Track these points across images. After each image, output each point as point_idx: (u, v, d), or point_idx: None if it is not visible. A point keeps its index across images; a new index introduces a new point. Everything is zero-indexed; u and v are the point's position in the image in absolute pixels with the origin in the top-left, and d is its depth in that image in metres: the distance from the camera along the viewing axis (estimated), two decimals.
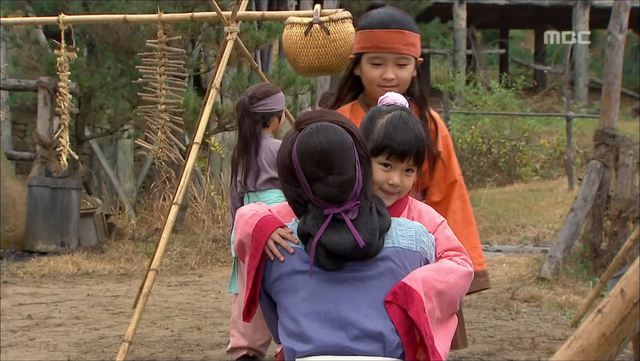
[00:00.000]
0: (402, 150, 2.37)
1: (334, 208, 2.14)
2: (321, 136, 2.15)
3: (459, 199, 3.08)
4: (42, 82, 10.50)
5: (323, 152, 2.13)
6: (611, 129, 8.93)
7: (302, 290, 2.15)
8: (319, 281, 2.15)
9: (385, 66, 3.03)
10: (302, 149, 2.15)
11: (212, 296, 7.88)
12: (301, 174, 2.15)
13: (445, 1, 21.50)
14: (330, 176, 2.13)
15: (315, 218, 2.15)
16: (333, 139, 2.15)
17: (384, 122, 2.40)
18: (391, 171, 2.39)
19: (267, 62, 15.87)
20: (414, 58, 3.06)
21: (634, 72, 26.20)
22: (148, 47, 6.16)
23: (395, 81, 3.03)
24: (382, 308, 2.14)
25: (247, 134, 4.86)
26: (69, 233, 10.03)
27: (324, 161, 2.13)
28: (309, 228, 2.15)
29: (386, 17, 3.04)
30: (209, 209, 11.94)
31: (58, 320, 6.70)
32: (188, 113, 10.18)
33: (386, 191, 2.41)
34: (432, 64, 27.12)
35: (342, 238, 2.11)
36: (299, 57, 5.32)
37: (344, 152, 2.15)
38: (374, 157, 2.37)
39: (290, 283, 2.17)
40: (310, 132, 2.15)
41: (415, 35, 3.04)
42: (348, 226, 2.12)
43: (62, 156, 6.25)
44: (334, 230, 2.12)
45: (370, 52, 3.03)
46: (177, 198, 5.31)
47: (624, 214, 8.43)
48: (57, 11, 8.51)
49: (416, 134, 2.40)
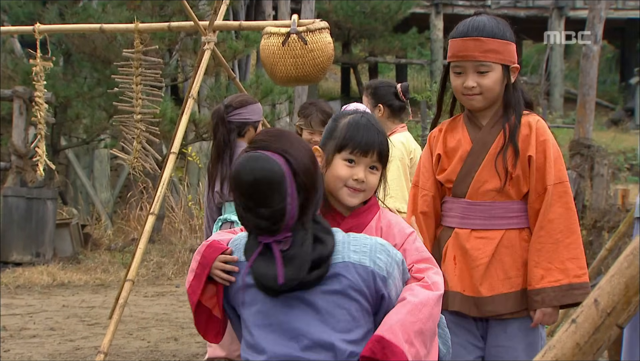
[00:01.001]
0: (365, 144, 2.40)
1: (266, 236, 2.16)
2: (251, 167, 2.15)
3: (560, 206, 2.94)
4: (17, 91, 10.42)
5: (250, 185, 2.14)
6: (586, 140, 9.01)
7: (256, 303, 2.19)
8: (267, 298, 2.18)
9: (465, 74, 3.00)
10: (234, 177, 2.18)
11: (189, 306, 7.84)
12: (237, 201, 2.19)
13: (422, 12, 21.63)
14: (259, 208, 2.14)
15: (252, 244, 2.21)
16: (262, 173, 2.14)
17: (347, 121, 2.46)
18: (355, 167, 2.42)
19: (245, 72, 15.87)
20: (502, 65, 2.98)
21: (609, 82, 26.49)
22: (125, 57, 6.14)
23: (477, 89, 2.98)
24: (332, 321, 2.15)
25: (221, 142, 4.85)
26: (44, 244, 9.95)
27: (252, 193, 2.14)
28: (247, 252, 2.21)
29: (468, 25, 3.01)
30: (186, 219, 11.89)
31: (33, 331, 6.64)
32: (165, 123, 10.15)
33: (351, 188, 2.42)
34: (410, 74, 27.24)
35: (267, 270, 2.14)
36: (276, 67, 5.33)
37: (271, 186, 2.14)
38: (338, 153, 2.42)
39: (246, 296, 2.21)
40: (243, 163, 2.17)
41: (499, 42, 2.96)
42: (275, 258, 2.14)
43: (39, 166, 6.21)
44: (264, 260, 2.16)
45: (452, 61, 3.04)
46: (154, 208, 5.28)
47: (599, 224, 8.50)
48: (33, 20, 8.45)
49: (378, 130, 2.45)
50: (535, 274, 2.93)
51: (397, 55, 22.50)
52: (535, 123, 3.00)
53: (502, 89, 3.01)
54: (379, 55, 22.03)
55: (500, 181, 2.96)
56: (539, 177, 2.96)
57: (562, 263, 2.92)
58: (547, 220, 2.93)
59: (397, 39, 20.50)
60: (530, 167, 2.97)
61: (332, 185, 2.43)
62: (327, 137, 2.48)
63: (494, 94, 3.00)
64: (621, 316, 1.74)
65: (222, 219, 4.90)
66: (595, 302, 1.73)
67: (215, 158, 4.88)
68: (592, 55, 9.00)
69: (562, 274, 2.91)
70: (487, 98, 3.00)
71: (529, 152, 2.96)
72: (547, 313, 2.94)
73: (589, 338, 1.72)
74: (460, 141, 3.06)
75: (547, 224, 2.93)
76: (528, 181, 2.98)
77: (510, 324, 2.98)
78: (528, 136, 2.98)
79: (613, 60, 27.87)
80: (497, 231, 2.98)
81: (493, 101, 3.02)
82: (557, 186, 2.96)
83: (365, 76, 25.17)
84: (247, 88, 9.36)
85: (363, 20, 19.64)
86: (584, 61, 9.10)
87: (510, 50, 3.00)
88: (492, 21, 3.01)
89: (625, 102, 23.71)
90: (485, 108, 3.04)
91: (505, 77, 3.00)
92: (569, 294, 2.91)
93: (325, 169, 2.44)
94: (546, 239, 2.93)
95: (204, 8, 11.63)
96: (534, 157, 2.96)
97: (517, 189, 2.98)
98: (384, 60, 23.26)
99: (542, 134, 2.98)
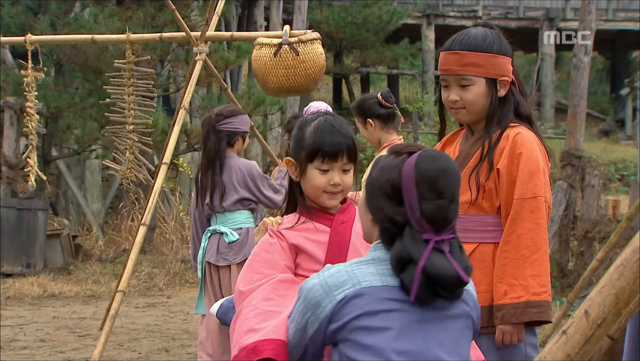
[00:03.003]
0: (333, 150, 2.46)
1: (432, 234, 2.08)
2: (443, 161, 2.12)
3: (531, 221, 2.87)
4: (8, 102, 10.40)
5: (446, 173, 2.10)
6: (577, 150, 9.04)
7: (389, 328, 2.06)
8: (405, 321, 2.07)
9: (450, 88, 2.99)
10: (422, 168, 2.10)
11: (181, 317, 7.82)
12: (412, 192, 2.09)
13: (413, 23, 21.69)
14: (440, 200, 2.09)
15: (415, 242, 2.07)
16: (454, 166, 2.13)
17: (312, 129, 2.50)
18: (329, 173, 2.49)
19: (237, 82, 15.88)
20: (486, 79, 2.95)
21: (599, 93, 26.60)
22: (116, 67, 6.14)
23: (460, 103, 2.96)
24: (458, 348, 2.11)
25: (212, 150, 4.86)
26: (35, 255, 9.92)
27: (443, 182, 2.09)
28: (412, 253, 2.06)
29: (454, 39, 2.99)
30: (178, 230, 11.87)
31: (23, 343, 6.61)
32: (157, 133, 10.14)
33: (330, 192, 2.50)
34: (401, 84, 27.30)
35: (443, 267, 2.04)
36: (268, 77, 5.34)
37: (457, 182, 2.13)
38: (309, 163, 2.48)
39: (374, 321, 2.06)
40: (433, 156, 2.13)
41: (481, 55, 2.93)
42: (447, 257, 2.06)
43: (30, 177, 6.19)
44: (435, 258, 2.05)
45: (440, 74, 3.03)
46: (146, 219, 5.28)
47: (590, 235, 8.53)
48: (25, 31, 8.45)
49: (343, 133, 2.49)
50: (499, 289, 2.87)
51: (388, 66, 22.54)
52: (514, 136, 2.93)
53: (487, 103, 2.96)
54: (370, 66, 22.07)
55: (471, 195, 2.93)
56: (511, 191, 2.90)
57: (525, 279, 2.85)
58: (515, 235, 2.87)
59: (388, 50, 20.55)
60: (500, 181, 2.92)
61: (312, 192, 2.51)
62: (297, 147, 2.52)
63: (478, 107, 2.97)
64: (611, 327, 1.74)
65: (211, 230, 4.90)
66: (585, 313, 1.73)
67: (206, 167, 4.88)
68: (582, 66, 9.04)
69: (523, 291, 2.84)
70: (471, 112, 2.97)
71: (499, 165, 2.92)
72: (507, 331, 2.86)
73: (579, 349, 1.72)
74: (451, 153, 3.05)
75: (514, 239, 2.87)
76: (499, 195, 2.93)
77: (480, 339, 2.81)
78: (504, 148, 2.93)
79: (603, 71, 28.00)
80: (469, 244, 2.89)
81: (480, 114, 2.98)
82: (529, 200, 2.88)
83: (357, 86, 25.22)
84: (239, 99, 9.36)
85: (355, 31, 19.68)
86: (574, 72, 9.14)
87: (496, 63, 2.96)
88: (481, 34, 2.97)
89: (616, 113, 23.81)
90: (474, 121, 3.01)
91: (491, 91, 2.96)
92: (526, 312, 2.83)
93: (299, 178, 2.51)
94: (512, 255, 2.86)
95: (195, 19, 11.64)
96: (504, 171, 2.90)
97: (490, 202, 2.94)
98: (375, 71, 23.29)
99: (518, 147, 2.91)
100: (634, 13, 21.80)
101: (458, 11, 22.35)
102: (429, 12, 21.85)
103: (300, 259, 2.50)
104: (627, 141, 21.58)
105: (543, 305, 2.86)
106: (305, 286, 2.12)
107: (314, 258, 2.49)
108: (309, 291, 2.10)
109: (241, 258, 4.81)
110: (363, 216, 2.23)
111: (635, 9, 21.64)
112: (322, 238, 2.50)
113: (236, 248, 4.83)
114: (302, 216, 2.52)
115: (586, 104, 8.77)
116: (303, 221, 2.52)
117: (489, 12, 22.52)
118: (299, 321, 2.13)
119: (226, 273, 4.83)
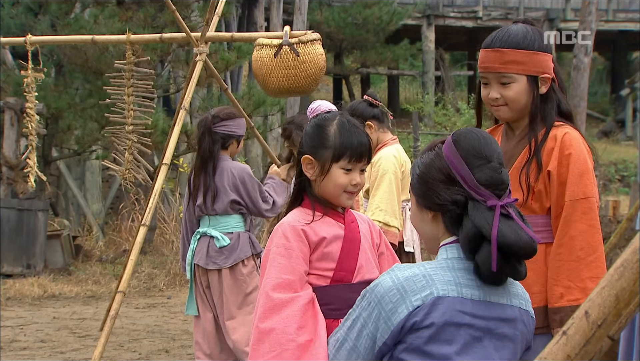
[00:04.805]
0: (360, 151, 2.51)
1: (495, 200, 2.04)
2: (477, 132, 2.14)
3: (583, 223, 2.83)
4: (8, 103, 10.40)
5: (486, 140, 2.11)
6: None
7: (454, 343, 2.02)
8: (468, 336, 2.03)
9: (490, 85, 2.97)
10: (462, 142, 2.10)
11: (181, 318, 7.82)
12: (462, 166, 2.07)
13: (413, 23, 21.69)
14: (491, 163, 2.08)
15: (481, 213, 2.02)
16: (488, 135, 2.15)
17: (336, 129, 2.52)
18: (351, 173, 2.53)
19: (237, 83, 15.88)
20: (527, 76, 2.92)
21: (600, 94, 26.61)
22: (117, 68, 6.14)
23: (501, 100, 2.93)
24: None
25: (206, 152, 4.85)
26: (35, 255, 9.91)
27: (487, 148, 2.09)
28: (482, 227, 1.99)
29: (494, 36, 2.97)
30: (178, 230, 11.86)
31: (23, 344, 6.61)
32: (157, 134, 10.14)
33: (350, 192, 2.54)
34: (401, 85, 27.32)
35: (514, 233, 1.99)
36: (268, 78, 5.34)
37: (498, 147, 2.13)
38: (335, 162, 2.50)
39: (444, 334, 2.01)
40: (466, 130, 2.14)
41: (522, 53, 2.91)
42: (517, 222, 2.01)
43: (29, 178, 6.19)
44: (504, 226, 2.00)
45: (480, 71, 3.01)
46: (146, 219, 5.27)
47: None
48: (25, 32, 8.45)
49: (365, 133, 2.56)
50: (555, 292, 2.84)
51: (388, 66, 22.55)
52: (562, 136, 2.91)
53: (529, 100, 2.94)
54: (370, 67, 22.07)
55: (523, 196, 2.89)
56: (561, 192, 2.87)
57: (582, 281, 2.81)
58: (568, 237, 2.84)
59: (388, 51, 20.56)
60: (551, 182, 2.89)
61: (332, 192, 2.52)
62: (319, 146, 2.52)
63: (519, 105, 2.94)
64: (612, 328, 1.74)
65: (200, 232, 4.89)
66: (586, 314, 1.73)
67: (199, 168, 4.87)
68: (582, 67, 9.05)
69: (581, 293, 2.80)
70: (513, 109, 2.95)
71: (549, 167, 2.89)
72: None
73: (579, 350, 1.72)
74: None
75: (567, 241, 2.84)
76: (549, 196, 2.91)
77: (535, 339, 2.84)
78: (552, 149, 2.90)
79: (604, 72, 28.02)
80: None
81: (522, 111, 2.96)
82: (580, 201, 2.85)
83: (357, 87, 25.23)
84: (239, 99, 9.36)
85: (355, 32, 19.69)
86: (574, 72, 9.15)
87: (537, 60, 2.93)
88: (521, 31, 2.95)
89: (616, 114, 23.82)
90: (515, 119, 2.99)
91: (533, 88, 2.94)
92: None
93: (321, 178, 2.50)
94: (567, 257, 2.83)
95: (196, 19, 11.65)
96: (555, 172, 2.88)
97: (540, 203, 2.91)
98: (375, 71, 23.29)
99: (567, 148, 2.89)
100: (634, 14, 21.81)
101: (458, 12, 22.35)
102: (429, 12, 21.85)
103: (314, 257, 2.48)
104: (627, 142, 21.58)
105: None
106: (377, 290, 2.02)
107: (329, 256, 2.48)
108: (384, 295, 2.00)
109: (231, 262, 4.79)
110: (420, 222, 2.16)
111: (636, 9, 21.65)
112: (339, 234, 2.51)
113: (227, 252, 4.81)
114: (317, 212, 2.51)
115: (586, 104, 8.77)
116: (319, 217, 2.51)
117: (489, 12, 22.52)
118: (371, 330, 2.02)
119: (214, 276, 4.82)
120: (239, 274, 4.80)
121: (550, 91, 2.98)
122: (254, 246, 4.90)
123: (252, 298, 4.76)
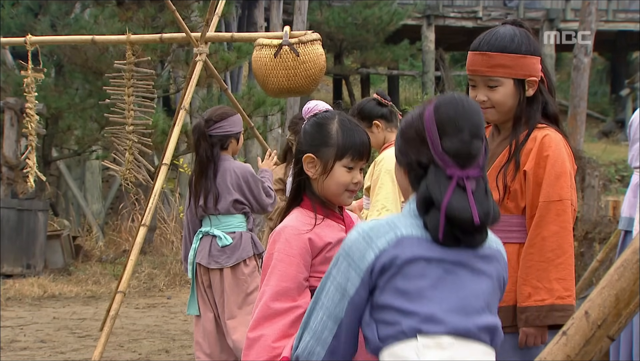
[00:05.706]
0: (362, 150, 2.53)
1: (457, 169, 2.07)
2: (461, 100, 2.15)
3: (556, 224, 2.86)
4: (8, 103, 10.40)
5: (465, 110, 2.12)
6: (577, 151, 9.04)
7: (427, 277, 2.06)
8: (441, 270, 2.07)
9: (477, 88, 2.99)
10: (441, 108, 2.12)
11: (181, 318, 7.82)
12: (433, 129, 2.10)
13: (413, 23, 21.69)
14: (461, 134, 2.09)
15: (438, 182, 2.07)
16: (473, 104, 2.16)
17: (338, 127, 2.54)
18: (353, 171, 2.54)
19: (237, 83, 15.88)
20: (514, 79, 2.94)
21: (600, 94, 26.59)
22: (117, 68, 6.14)
23: (488, 103, 2.95)
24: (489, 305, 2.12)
25: (204, 157, 4.82)
26: (35, 255, 9.91)
27: (463, 118, 2.10)
28: (433, 192, 2.05)
29: (482, 39, 2.98)
30: (178, 230, 11.86)
31: (23, 344, 6.61)
32: (157, 134, 10.14)
33: (351, 191, 2.55)
34: (401, 85, 27.31)
35: (462, 207, 2.03)
36: (268, 78, 5.34)
37: (479, 118, 2.14)
38: (339, 160, 2.51)
39: (414, 270, 2.06)
40: (451, 96, 2.16)
41: (509, 56, 2.92)
42: (467, 197, 2.05)
43: (29, 178, 6.19)
44: (456, 197, 2.05)
45: (467, 74, 3.03)
46: (146, 219, 5.28)
47: (590, 235, 8.52)
48: (25, 32, 8.45)
49: (365, 132, 2.58)
50: (523, 291, 2.87)
51: (388, 66, 22.54)
52: (542, 137, 2.93)
53: (515, 103, 2.96)
54: (370, 67, 22.06)
55: (499, 195, 2.91)
56: (537, 193, 2.90)
57: (550, 282, 2.84)
58: (540, 237, 2.87)
59: (388, 51, 20.54)
60: (527, 182, 2.92)
61: (334, 190, 2.52)
62: (321, 144, 2.52)
63: (505, 107, 2.96)
64: (612, 328, 1.74)
65: (203, 231, 4.89)
66: (585, 314, 1.73)
67: (199, 174, 4.85)
68: (582, 67, 9.05)
69: (547, 294, 2.84)
70: (499, 112, 2.96)
71: (526, 167, 2.91)
72: (530, 333, 2.86)
73: (579, 350, 1.72)
74: None
75: (539, 242, 2.87)
76: (524, 196, 2.93)
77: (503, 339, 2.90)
78: (531, 150, 2.93)
79: (604, 72, 28.00)
80: None
81: (508, 114, 2.97)
82: (555, 203, 2.88)
83: (357, 87, 25.22)
84: (239, 99, 9.36)
85: (355, 32, 19.69)
86: (574, 72, 9.15)
87: (524, 64, 2.94)
88: (509, 34, 2.96)
89: (616, 114, 23.81)
90: (502, 121, 3.01)
91: (519, 91, 2.95)
92: (550, 315, 2.82)
93: (324, 176, 2.51)
94: (537, 257, 2.86)
95: (196, 19, 11.65)
96: (531, 173, 2.90)
97: (515, 203, 2.94)
98: (375, 71, 23.29)
99: (545, 149, 2.91)
100: (634, 14, 21.80)
101: (458, 12, 22.35)
102: (429, 12, 21.84)
103: (317, 260, 2.48)
104: (627, 142, 21.53)
105: (567, 309, 2.85)
106: (345, 244, 2.10)
107: (331, 259, 2.47)
108: (351, 245, 2.08)
109: (234, 262, 4.79)
110: (398, 174, 2.22)
111: (636, 9, 21.65)
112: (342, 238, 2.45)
113: (229, 251, 4.81)
114: (318, 215, 2.51)
115: (586, 104, 8.78)
116: (321, 220, 2.51)
117: (489, 12, 22.52)
118: (340, 282, 2.08)
119: (216, 275, 4.82)
120: (241, 274, 4.80)
121: (538, 93, 2.99)
122: (255, 246, 4.89)
123: (253, 298, 4.76)
